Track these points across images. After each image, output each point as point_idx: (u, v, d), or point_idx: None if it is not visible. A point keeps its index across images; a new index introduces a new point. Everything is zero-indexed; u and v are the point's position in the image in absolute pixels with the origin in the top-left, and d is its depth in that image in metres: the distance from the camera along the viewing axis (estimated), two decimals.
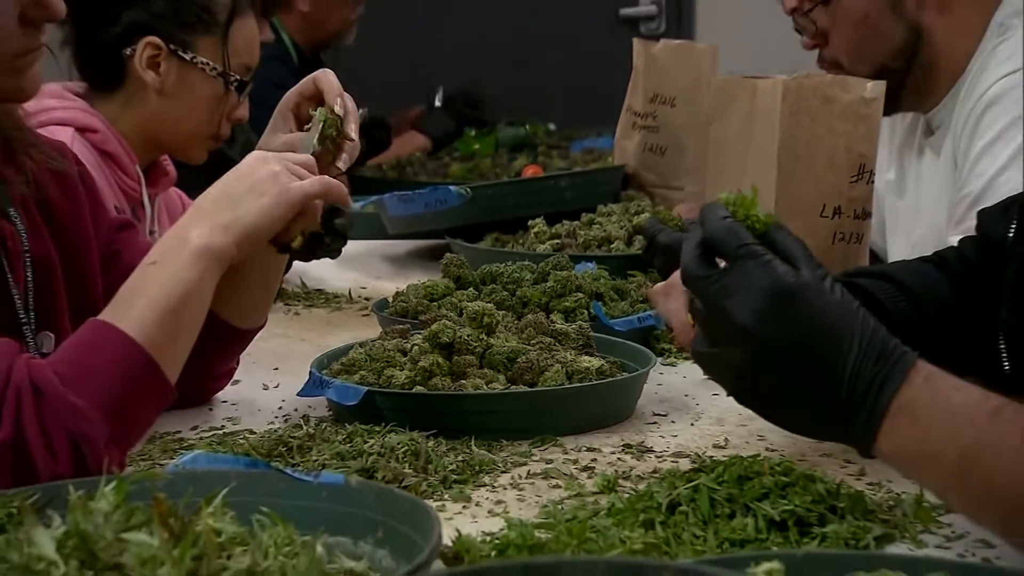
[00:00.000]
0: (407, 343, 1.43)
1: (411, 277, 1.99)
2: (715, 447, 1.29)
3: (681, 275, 1.01)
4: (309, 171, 1.24)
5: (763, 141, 1.49)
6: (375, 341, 1.48)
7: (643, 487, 1.12)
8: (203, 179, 1.58)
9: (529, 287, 1.67)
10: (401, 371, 1.37)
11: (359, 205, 2.21)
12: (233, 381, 1.48)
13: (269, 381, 1.53)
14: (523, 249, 2.02)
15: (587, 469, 1.23)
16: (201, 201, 1.21)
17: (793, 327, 0.92)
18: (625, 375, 1.40)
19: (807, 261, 0.96)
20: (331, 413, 1.39)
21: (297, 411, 1.41)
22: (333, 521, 0.93)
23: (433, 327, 1.43)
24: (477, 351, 1.41)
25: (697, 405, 1.43)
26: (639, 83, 2.37)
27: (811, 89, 1.48)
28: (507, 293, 1.66)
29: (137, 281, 1.15)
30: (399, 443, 1.23)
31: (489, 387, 1.35)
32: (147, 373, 1.10)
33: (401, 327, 1.53)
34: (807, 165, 1.46)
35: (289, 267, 1.51)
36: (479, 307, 1.50)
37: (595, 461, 1.25)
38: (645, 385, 1.42)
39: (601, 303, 1.64)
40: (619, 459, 1.26)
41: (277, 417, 1.41)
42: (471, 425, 1.30)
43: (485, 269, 1.73)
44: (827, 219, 1.47)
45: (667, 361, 1.57)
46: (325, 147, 1.32)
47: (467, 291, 1.68)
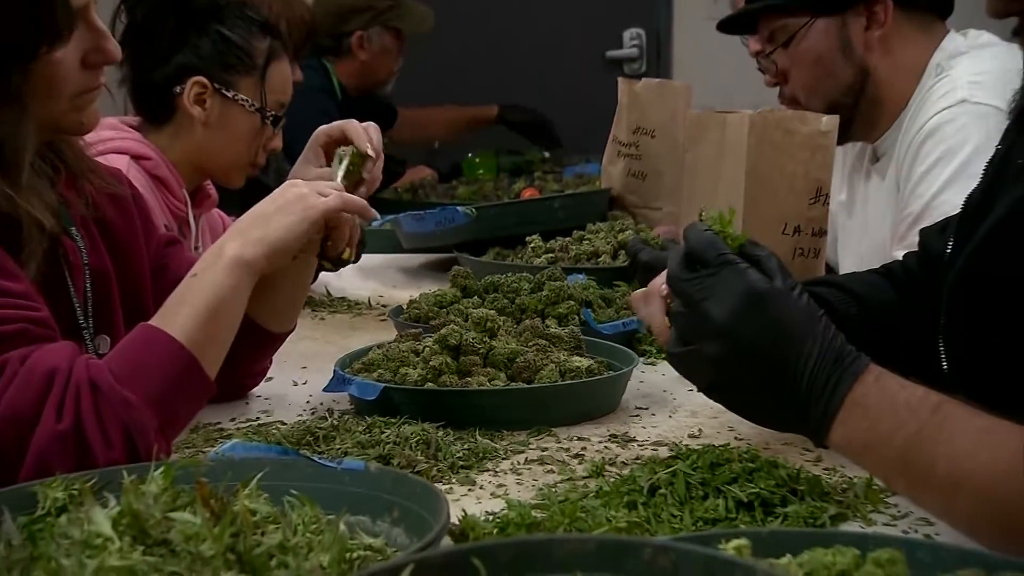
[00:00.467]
0: (419, 345, 1.44)
1: (423, 286, 1.99)
2: (690, 437, 1.29)
3: (667, 278, 1.01)
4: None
5: (732, 168, 1.49)
6: (391, 343, 1.48)
7: (627, 472, 1.12)
8: (241, 201, 1.58)
9: (527, 295, 1.66)
10: (414, 370, 1.37)
11: (378, 223, 2.21)
12: (267, 378, 1.48)
13: (298, 378, 1.53)
14: (521, 262, 2.02)
15: (578, 456, 1.23)
16: (238, 222, 1.22)
17: (763, 327, 0.93)
18: (611, 373, 1.40)
19: (779, 272, 0.96)
20: (353, 407, 1.39)
21: (323, 405, 1.41)
22: (354, 502, 0.93)
23: (442, 331, 1.43)
24: (481, 352, 1.41)
25: (674, 399, 1.43)
26: (623, 116, 2.37)
27: (774, 122, 1.48)
28: (507, 301, 1.66)
29: (181, 291, 1.15)
30: (412, 433, 1.23)
31: (491, 384, 1.35)
32: (190, 371, 1.11)
33: (414, 331, 1.53)
34: (770, 189, 1.46)
35: (316, 278, 1.51)
36: (483, 313, 1.50)
37: (585, 449, 1.25)
38: (629, 382, 1.42)
39: (590, 310, 1.64)
40: (606, 447, 1.26)
41: (305, 410, 1.41)
42: (476, 417, 1.30)
43: (488, 280, 1.73)
44: (788, 236, 1.47)
45: (648, 361, 1.57)
46: (350, 178, 1.33)
47: (472, 299, 1.68)
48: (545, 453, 1.23)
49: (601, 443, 1.27)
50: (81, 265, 1.26)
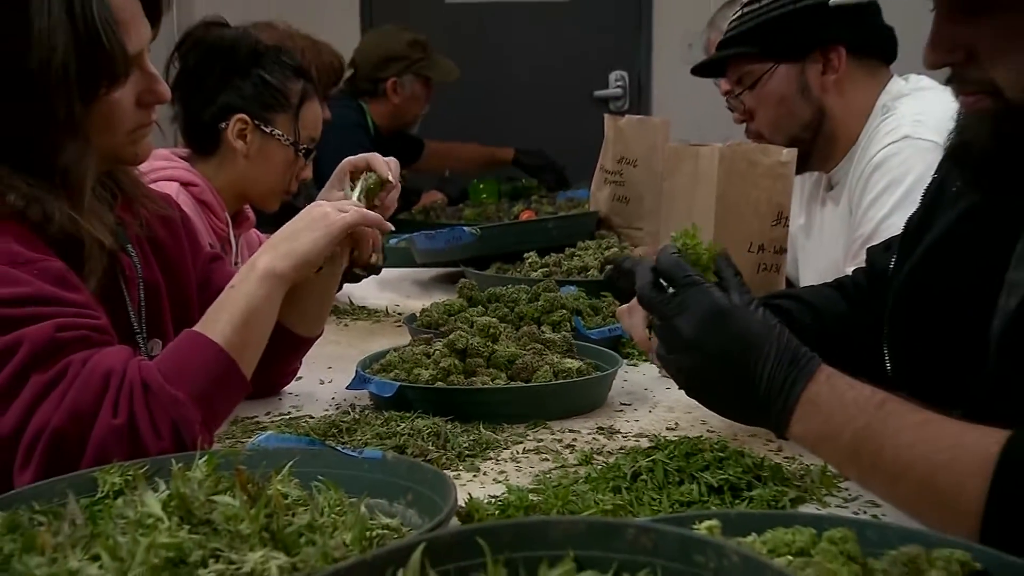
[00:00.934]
0: (431, 348, 1.43)
1: (434, 297, 2.00)
2: (668, 429, 1.29)
3: (638, 297, 1.01)
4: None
5: (704, 194, 1.49)
6: (406, 347, 1.48)
7: (612, 460, 1.12)
8: (275, 223, 1.58)
9: (524, 305, 1.66)
10: (426, 370, 1.37)
11: (394, 241, 2.21)
12: (297, 377, 1.47)
13: (324, 377, 1.53)
14: (520, 276, 2.02)
15: (569, 447, 1.23)
16: (270, 239, 1.22)
17: (725, 339, 0.93)
18: (599, 373, 1.40)
19: (737, 287, 0.96)
20: (372, 403, 1.38)
21: (346, 401, 1.41)
22: (373, 487, 0.93)
23: (451, 336, 1.43)
24: (484, 355, 1.41)
25: (654, 397, 1.43)
26: (609, 148, 2.38)
27: (740, 154, 1.48)
28: (507, 309, 1.66)
29: (221, 300, 1.15)
30: (424, 426, 1.23)
31: (494, 383, 1.35)
32: (229, 371, 1.10)
33: (426, 336, 1.53)
34: (737, 213, 1.46)
35: (340, 288, 1.51)
36: (486, 321, 1.50)
37: (575, 440, 1.25)
38: (614, 381, 1.42)
39: (580, 317, 1.64)
40: (594, 439, 1.26)
41: (330, 406, 1.41)
42: (480, 412, 1.30)
43: (490, 291, 1.73)
44: (753, 254, 1.47)
45: (631, 363, 1.57)
46: (367, 199, 1.33)
47: (477, 308, 1.68)
48: (541, 444, 1.23)
49: (590, 435, 1.27)
50: (136, 278, 1.26)
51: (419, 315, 1.68)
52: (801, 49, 1.79)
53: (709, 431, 1.26)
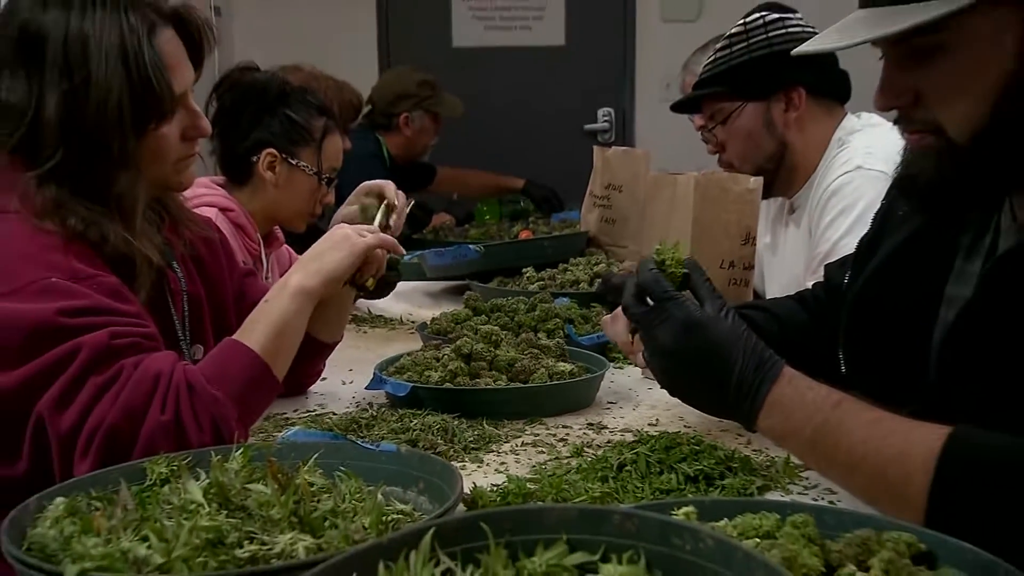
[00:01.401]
0: (440, 353, 1.43)
1: (443, 307, 1.99)
2: (650, 425, 1.28)
3: (622, 308, 1.01)
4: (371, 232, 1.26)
5: (681, 217, 1.49)
6: (418, 351, 1.47)
7: (601, 453, 1.12)
8: (302, 242, 1.58)
9: (523, 314, 1.66)
10: (436, 372, 1.37)
11: (408, 258, 2.21)
12: (322, 378, 1.47)
13: (346, 379, 1.53)
14: (519, 288, 2.01)
15: (562, 440, 1.23)
16: (300, 259, 1.23)
17: (699, 347, 0.93)
18: (588, 375, 1.39)
19: (710, 297, 0.96)
20: (388, 401, 1.38)
21: (365, 400, 1.41)
22: (389, 477, 0.93)
23: (457, 342, 1.43)
24: (487, 359, 1.40)
25: (638, 396, 1.43)
26: (597, 176, 2.37)
27: (713, 182, 1.49)
28: (508, 318, 1.65)
29: (256, 312, 1.15)
30: (434, 422, 1.23)
31: (496, 384, 1.35)
32: (263, 374, 1.11)
33: (436, 342, 1.53)
34: (711, 234, 1.46)
35: (356, 300, 1.50)
36: (489, 328, 1.50)
37: (568, 435, 1.25)
38: (602, 382, 1.42)
39: (572, 325, 1.64)
40: (584, 433, 1.26)
41: (351, 404, 1.40)
42: (483, 410, 1.30)
43: (493, 302, 1.73)
44: (724, 270, 1.47)
45: (617, 366, 1.56)
46: (381, 224, 1.34)
47: (481, 317, 1.67)
48: (537, 438, 1.23)
49: (580, 430, 1.27)
50: (180, 291, 1.26)
51: (430, 323, 1.68)
52: (766, 90, 1.79)
53: (686, 427, 1.26)
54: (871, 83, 0.98)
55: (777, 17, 1.78)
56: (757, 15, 1.79)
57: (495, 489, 0.99)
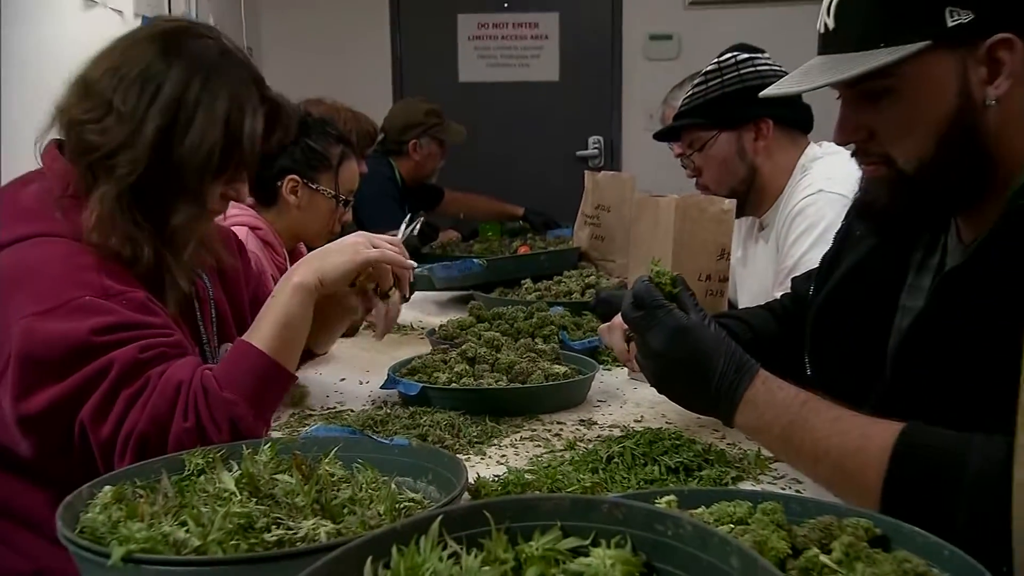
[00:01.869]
0: (447, 356, 1.43)
1: (450, 315, 1.98)
2: (635, 421, 1.28)
3: (621, 315, 1.02)
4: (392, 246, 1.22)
5: (663, 235, 1.49)
6: (428, 355, 1.47)
7: (591, 446, 1.12)
8: None
9: (521, 321, 1.66)
10: (443, 374, 1.36)
11: (418, 271, 2.21)
12: (340, 379, 1.46)
13: (363, 379, 1.52)
14: (518, 298, 2.01)
15: (557, 435, 1.22)
16: (306, 256, 1.20)
17: (685, 350, 0.93)
18: (580, 376, 1.39)
19: (694, 308, 0.96)
20: (400, 400, 1.37)
21: (380, 398, 1.40)
22: (401, 468, 0.92)
23: (463, 347, 1.43)
24: (490, 361, 1.40)
25: (624, 395, 1.42)
26: (588, 197, 2.38)
27: (692, 204, 1.48)
28: (508, 325, 1.65)
29: (263, 310, 1.13)
30: (442, 419, 1.23)
31: (497, 384, 1.35)
32: (272, 368, 1.08)
33: (443, 346, 1.53)
34: (690, 250, 1.46)
35: (368, 311, 1.46)
36: (491, 334, 1.50)
37: (562, 430, 1.24)
38: (592, 383, 1.41)
39: (565, 331, 1.64)
40: (577, 429, 1.25)
41: (368, 402, 1.40)
42: (486, 408, 1.29)
43: (494, 310, 1.73)
44: (702, 282, 1.46)
45: (606, 368, 1.56)
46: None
47: (484, 324, 1.67)
48: (534, 433, 1.23)
49: (573, 426, 1.27)
50: (208, 298, 1.27)
51: (438, 330, 1.67)
52: (738, 121, 1.79)
53: (668, 423, 1.25)
54: (832, 115, 0.98)
55: (747, 56, 1.79)
56: (729, 55, 1.80)
57: (496, 480, 0.98)
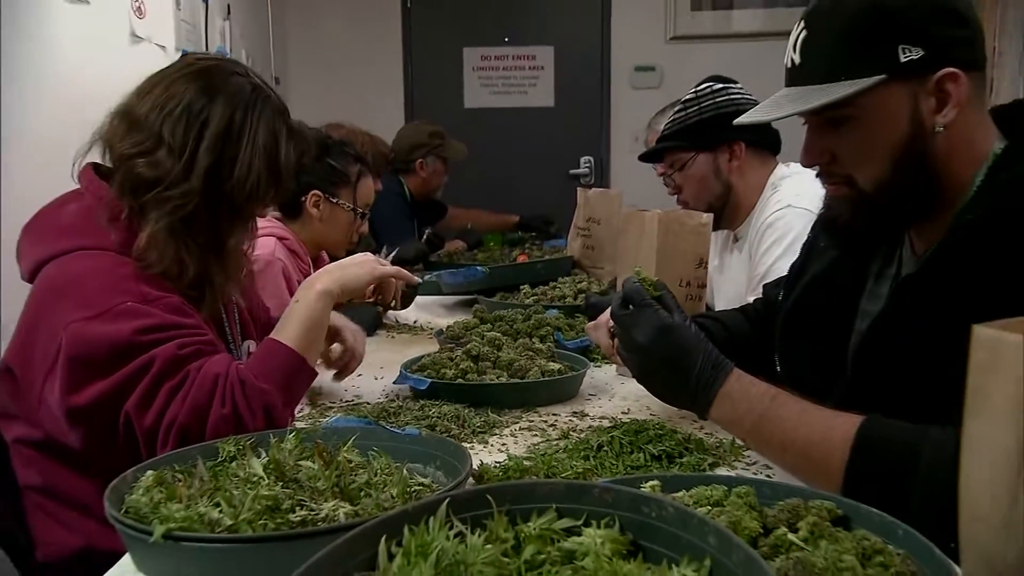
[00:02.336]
0: (453, 354, 1.43)
1: (456, 317, 1.99)
2: (622, 413, 1.28)
3: (610, 313, 1.01)
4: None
5: (648, 246, 1.48)
6: (436, 353, 1.47)
7: (583, 436, 1.12)
8: None
9: (520, 323, 1.66)
10: (450, 370, 1.36)
11: (427, 277, 2.21)
12: (357, 374, 1.45)
13: (378, 375, 1.52)
14: (517, 302, 2.01)
15: (552, 426, 1.22)
16: (326, 267, 1.22)
17: (666, 347, 0.92)
18: (573, 372, 1.39)
19: (677, 310, 0.96)
20: (411, 394, 1.38)
21: (393, 392, 1.40)
22: (412, 455, 0.92)
23: (467, 346, 1.43)
24: (492, 359, 1.40)
25: (613, 389, 1.42)
26: (580, 211, 2.38)
27: (674, 218, 1.48)
28: (508, 326, 1.65)
29: (288, 312, 1.14)
30: (449, 411, 1.23)
31: (498, 379, 1.35)
32: (300, 364, 1.09)
33: (450, 345, 1.52)
34: (671, 259, 1.45)
35: (386, 312, 1.49)
36: (493, 334, 1.50)
37: (556, 421, 1.24)
38: (584, 379, 1.41)
39: (560, 332, 1.64)
40: (570, 420, 1.25)
41: (382, 396, 1.40)
42: (488, 401, 1.29)
43: (496, 313, 1.73)
44: (682, 288, 1.46)
45: (596, 365, 1.55)
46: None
47: (486, 325, 1.67)
48: (532, 424, 1.23)
49: (567, 417, 1.27)
50: (232, 304, 1.27)
51: (445, 330, 1.67)
52: (714, 143, 1.79)
53: (652, 415, 1.25)
54: (798, 140, 0.99)
55: (721, 86, 1.80)
56: (706, 85, 1.81)
57: (498, 466, 0.98)
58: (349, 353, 1.34)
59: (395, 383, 1.38)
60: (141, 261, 1.06)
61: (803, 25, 0.93)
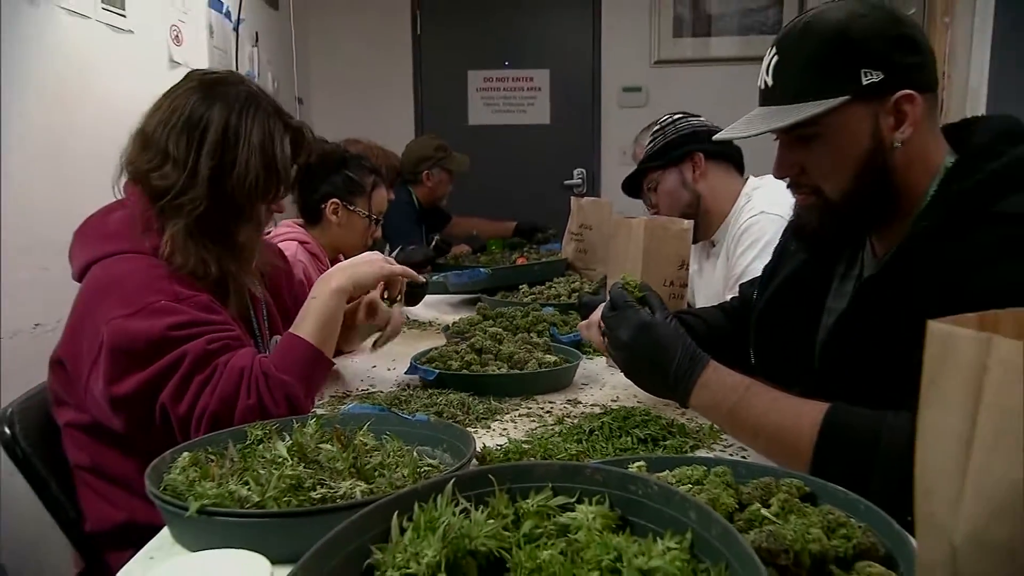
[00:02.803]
0: (459, 348, 1.43)
1: (461, 314, 1.99)
2: (612, 401, 1.28)
3: (601, 315, 1.02)
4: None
5: (635, 249, 1.48)
6: (443, 347, 1.47)
7: (577, 422, 1.11)
8: None
9: (519, 319, 1.66)
10: (456, 362, 1.36)
11: (435, 277, 2.21)
12: (372, 365, 1.46)
13: (391, 366, 1.52)
14: (517, 300, 2.01)
15: (548, 412, 1.22)
16: (338, 265, 1.21)
17: (648, 343, 0.93)
18: (567, 364, 1.39)
19: (659, 308, 0.96)
20: (421, 383, 1.37)
21: (404, 382, 1.40)
22: (422, 439, 0.92)
23: (472, 340, 1.43)
24: (494, 352, 1.40)
25: (603, 379, 1.42)
26: (573, 218, 2.37)
27: (658, 224, 1.48)
28: (508, 322, 1.65)
29: (305, 308, 1.14)
30: (455, 399, 1.22)
31: (499, 371, 1.34)
32: (317, 357, 1.09)
33: (456, 339, 1.52)
34: (656, 261, 1.45)
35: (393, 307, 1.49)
36: (495, 330, 1.50)
37: (552, 408, 1.24)
38: (577, 370, 1.41)
39: (555, 328, 1.64)
40: (564, 407, 1.25)
41: (394, 385, 1.39)
42: (491, 390, 1.29)
43: (498, 310, 1.73)
44: (666, 287, 1.46)
45: (588, 357, 1.55)
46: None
47: (489, 321, 1.67)
48: (530, 410, 1.22)
49: (562, 404, 1.26)
50: (260, 300, 1.26)
51: (451, 326, 1.67)
52: (677, 159, 1.81)
53: (639, 402, 1.25)
54: (770, 155, 0.99)
55: (680, 115, 1.85)
56: (668, 116, 1.86)
57: (499, 448, 0.98)
58: (387, 317, 1.33)
59: (406, 374, 1.38)
60: (170, 264, 1.06)
61: (775, 51, 0.93)
